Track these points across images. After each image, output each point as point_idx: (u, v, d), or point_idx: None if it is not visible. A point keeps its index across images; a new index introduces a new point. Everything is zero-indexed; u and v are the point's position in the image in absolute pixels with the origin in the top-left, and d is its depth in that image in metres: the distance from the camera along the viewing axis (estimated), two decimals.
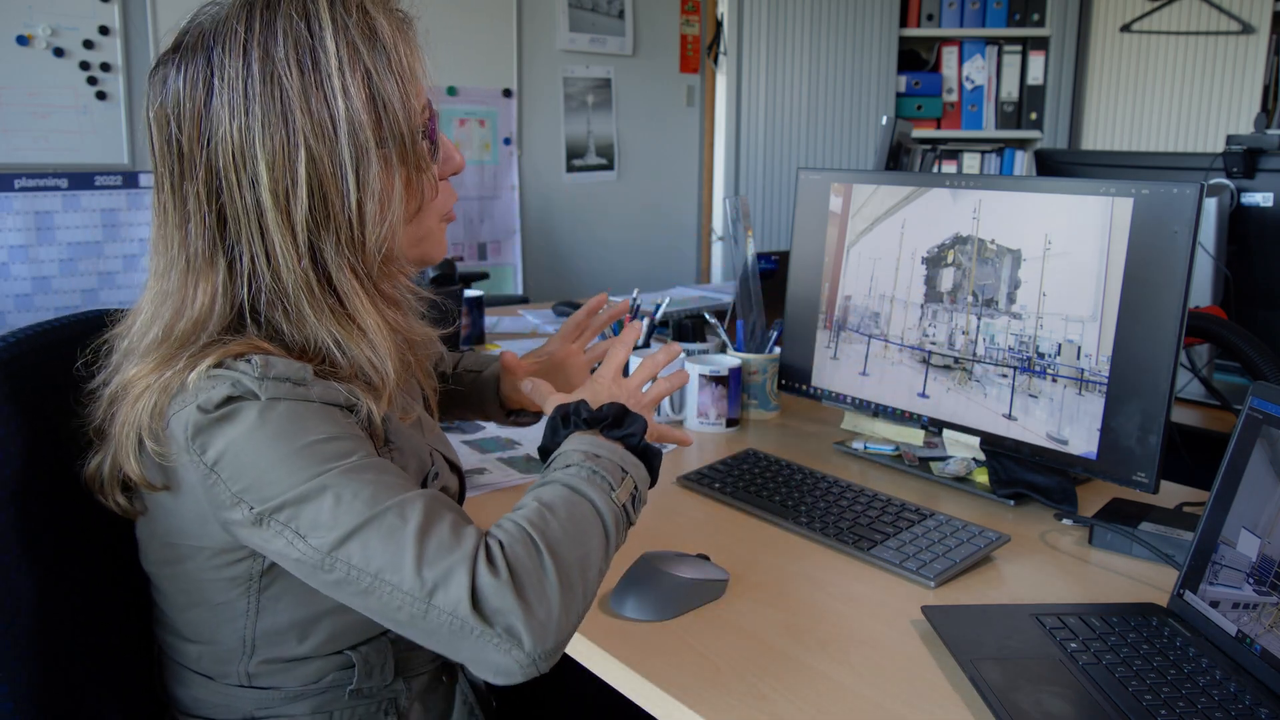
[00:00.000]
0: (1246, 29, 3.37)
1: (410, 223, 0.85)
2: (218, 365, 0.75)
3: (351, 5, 0.78)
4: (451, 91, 3.16)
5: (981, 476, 1.28)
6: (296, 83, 0.75)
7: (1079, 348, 1.16)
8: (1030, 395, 1.21)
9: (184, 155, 0.77)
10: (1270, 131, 1.67)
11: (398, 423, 0.87)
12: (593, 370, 1.21)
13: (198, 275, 0.78)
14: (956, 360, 1.29)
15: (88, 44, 2.48)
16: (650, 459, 0.88)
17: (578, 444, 0.85)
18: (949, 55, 3.78)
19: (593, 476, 0.81)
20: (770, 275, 1.86)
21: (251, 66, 0.74)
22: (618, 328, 1.57)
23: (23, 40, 2.40)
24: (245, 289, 0.78)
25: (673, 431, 1.02)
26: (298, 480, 0.72)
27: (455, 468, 0.98)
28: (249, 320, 0.79)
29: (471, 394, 1.22)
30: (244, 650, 0.86)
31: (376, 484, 0.73)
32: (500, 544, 0.73)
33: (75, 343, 0.87)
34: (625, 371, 0.99)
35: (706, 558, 1.00)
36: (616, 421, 0.87)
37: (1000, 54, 3.75)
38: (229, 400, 0.74)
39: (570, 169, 3.47)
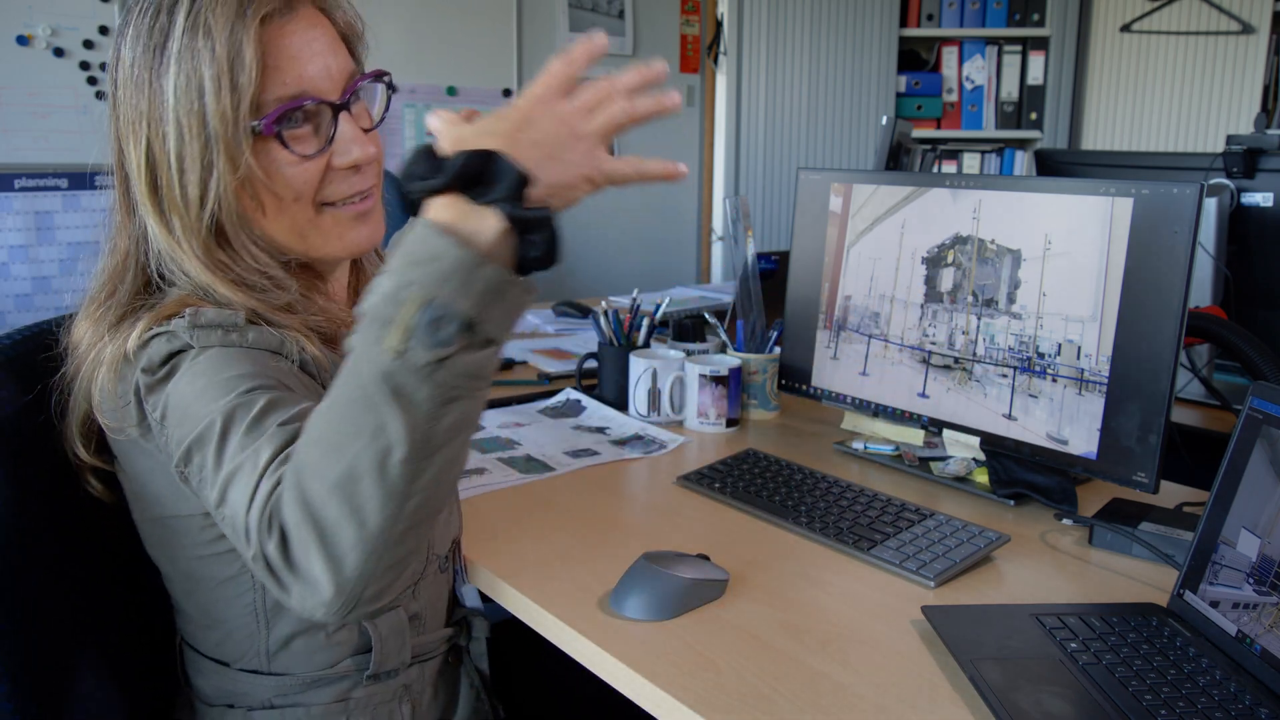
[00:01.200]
0: (1246, 29, 3.37)
1: (280, 213, 0.85)
2: (151, 328, 0.79)
3: None
4: (451, 91, 3.17)
5: (981, 476, 1.28)
6: (147, 64, 0.80)
7: (1079, 348, 1.16)
8: (1030, 395, 1.21)
9: (116, 109, 0.85)
10: (1270, 131, 1.67)
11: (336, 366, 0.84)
12: None
13: (117, 224, 0.86)
14: (956, 360, 1.29)
15: (88, 44, 2.48)
16: (536, 229, 0.66)
17: (401, 251, 0.64)
18: (949, 55, 3.78)
19: (369, 325, 0.63)
20: (770, 275, 1.86)
21: (160, 10, 0.80)
22: None
23: (23, 40, 2.40)
24: (134, 230, 0.85)
25: (649, 164, 0.75)
26: (205, 414, 0.72)
27: None
28: (155, 274, 0.84)
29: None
30: (259, 625, 0.86)
31: (264, 410, 0.70)
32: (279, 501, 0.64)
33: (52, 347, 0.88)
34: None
35: (706, 558, 1.00)
36: (471, 177, 0.64)
37: (1000, 54, 3.75)
38: (169, 357, 0.77)
39: None
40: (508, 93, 3.27)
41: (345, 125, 0.85)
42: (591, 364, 1.67)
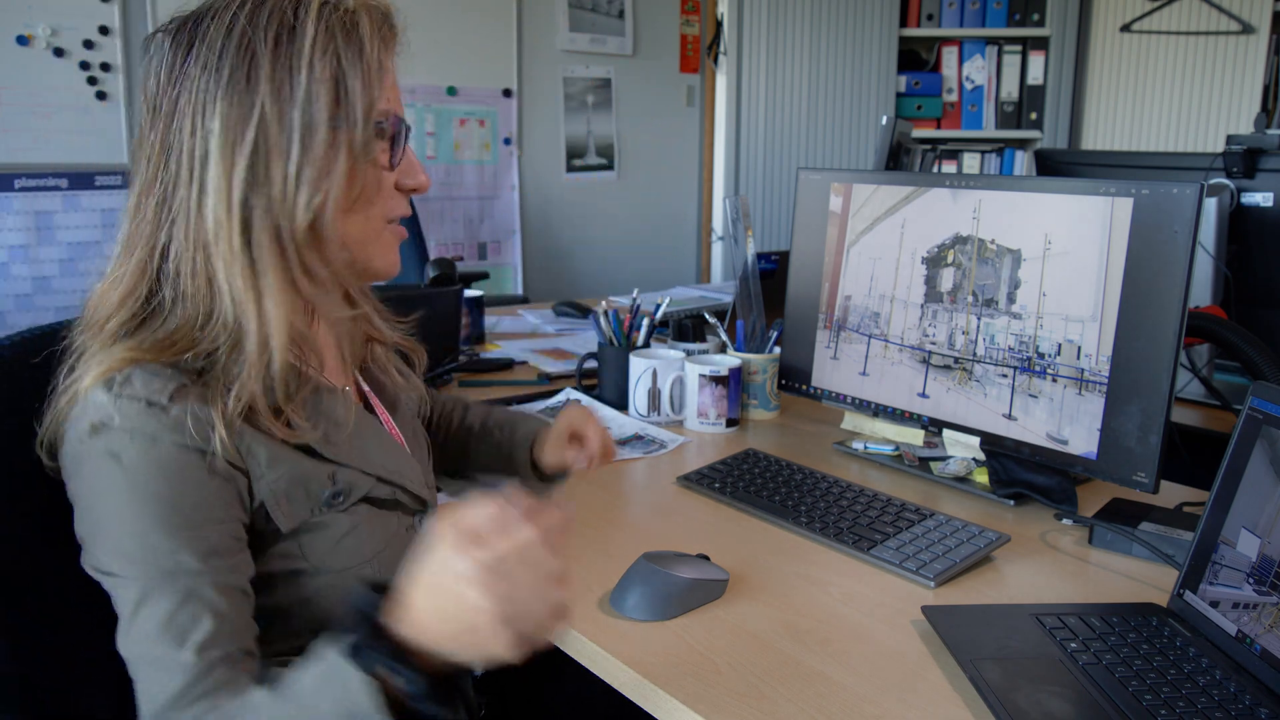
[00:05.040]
0: (1246, 29, 3.37)
1: (353, 211, 0.86)
2: (100, 381, 0.79)
3: (342, 3, 0.84)
4: (451, 91, 3.17)
5: (981, 476, 1.28)
6: (269, 52, 0.80)
7: (1079, 348, 1.16)
8: (1030, 395, 1.21)
9: (156, 107, 0.83)
10: (1270, 131, 1.67)
11: (271, 447, 0.83)
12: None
13: (145, 213, 0.83)
14: (956, 360, 1.29)
15: (88, 44, 2.48)
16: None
17: (323, 681, 0.69)
18: (949, 55, 3.78)
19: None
20: (770, 275, 1.86)
21: (232, 33, 0.80)
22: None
23: (23, 40, 2.40)
24: (165, 229, 0.83)
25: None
26: (121, 563, 0.77)
27: (390, 482, 0.92)
28: (155, 269, 0.83)
29: (500, 452, 1.18)
30: None
31: (171, 617, 0.75)
32: None
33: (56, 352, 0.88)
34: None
35: (706, 558, 1.00)
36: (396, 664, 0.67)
37: (1000, 54, 3.75)
38: (93, 432, 0.78)
39: (570, 169, 3.47)
40: (508, 93, 3.27)
41: (411, 149, 0.91)
42: (591, 364, 1.67)
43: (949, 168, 3.80)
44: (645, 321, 1.62)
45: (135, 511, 0.77)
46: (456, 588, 0.63)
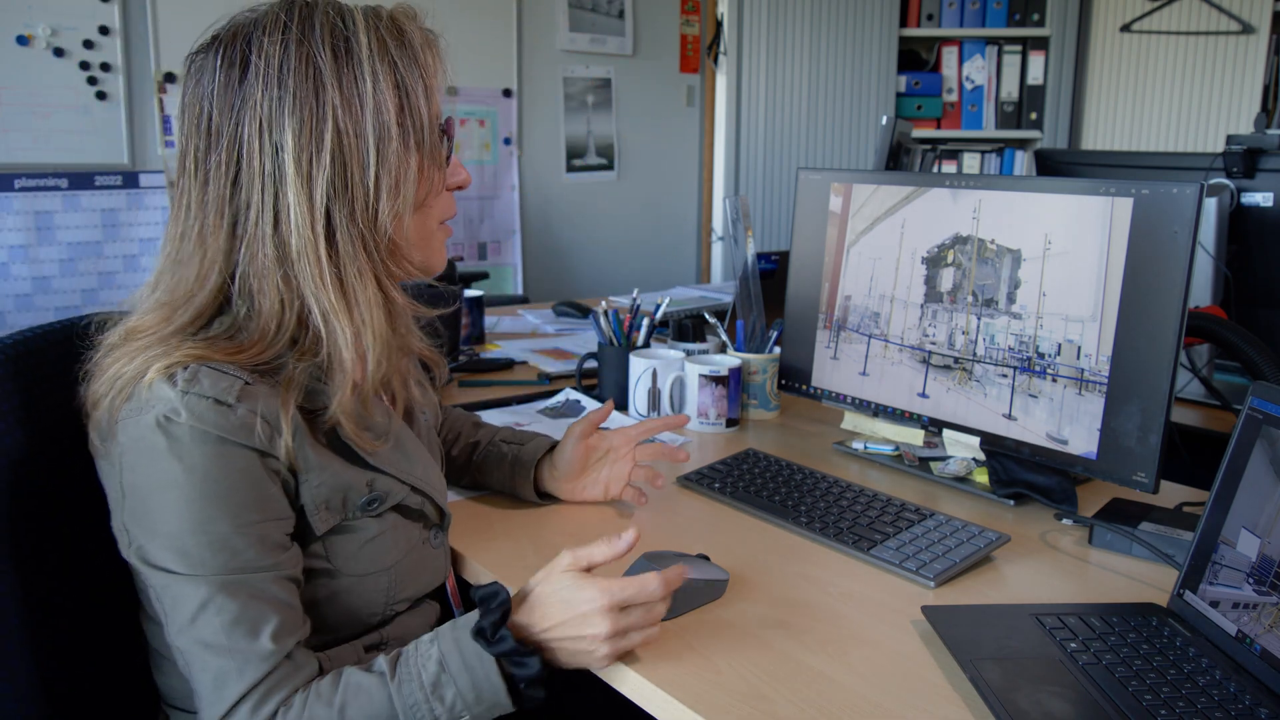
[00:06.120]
0: (1246, 29, 3.37)
1: (418, 210, 0.88)
2: (164, 376, 0.78)
3: (383, 11, 0.85)
4: (451, 91, 3.16)
5: (981, 476, 1.28)
6: (330, 63, 0.81)
7: (1079, 348, 1.16)
8: (1030, 395, 1.21)
9: (211, 129, 0.82)
10: (1270, 131, 1.67)
11: (317, 453, 0.84)
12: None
13: (207, 235, 0.82)
14: (956, 360, 1.29)
15: (88, 44, 2.48)
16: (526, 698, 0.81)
17: (452, 662, 0.79)
18: (949, 55, 3.78)
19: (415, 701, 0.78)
20: (770, 275, 1.86)
21: (289, 47, 0.80)
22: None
23: (23, 40, 2.40)
24: (242, 251, 0.82)
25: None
26: (180, 561, 0.77)
27: (421, 492, 0.94)
28: (236, 289, 0.83)
29: (505, 469, 1.19)
30: None
31: (242, 613, 0.77)
32: None
33: (79, 342, 0.88)
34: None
35: (706, 558, 1.00)
36: (518, 661, 0.80)
37: (1000, 54, 3.75)
38: (158, 426, 0.77)
39: (570, 169, 3.47)
40: (508, 93, 3.27)
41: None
42: (591, 364, 1.67)
43: (949, 168, 3.79)
44: (645, 321, 1.62)
45: (199, 509, 0.77)
46: (583, 609, 0.81)
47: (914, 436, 1.35)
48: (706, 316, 1.72)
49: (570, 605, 0.81)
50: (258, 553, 0.79)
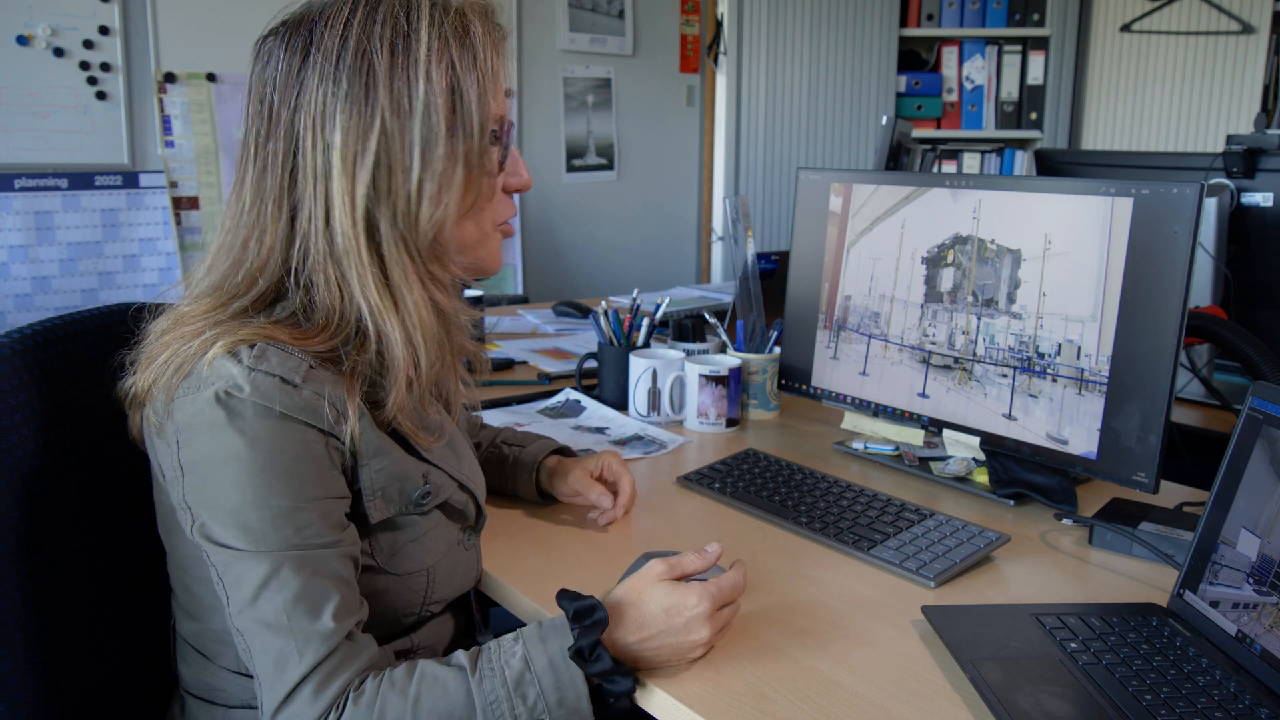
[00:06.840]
0: (1246, 29, 3.37)
1: (466, 218, 0.87)
2: (227, 352, 0.78)
3: (451, 5, 0.84)
4: (506, 93, 3.16)
5: (981, 476, 1.28)
6: (385, 62, 0.80)
7: (1079, 348, 1.16)
8: (1030, 395, 1.21)
9: (272, 116, 0.83)
10: (1270, 131, 1.67)
11: (379, 438, 0.85)
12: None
13: (265, 223, 0.83)
14: (956, 360, 1.29)
15: (88, 44, 2.47)
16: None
17: (540, 666, 0.79)
18: (949, 55, 3.78)
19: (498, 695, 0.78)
20: (770, 275, 1.86)
21: (347, 42, 0.80)
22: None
23: (23, 40, 2.40)
24: (299, 244, 0.82)
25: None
26: (242, 537, 0.77)
27: (467, 490, 0.95)
28: (292, 282, 0.83)
29: (506, 470, 1.19)
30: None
31: (304, 590, 0.77)
32: None
33: (95, 335, 0.88)
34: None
35: None
36: (606, 673, 0.80)
37: (1000, 54, 3.75)
38: (218, 400, 0.77)
39: (570, 169, 3.47)
40: (508, 93, 3.26)
41: (514, 147, 0.92)
42: (591, 364, 1.67)
43: (949, 168, 3.79)
44: (645, 321, 1.62)
45: (261, 482, 0.76)
46: (687, 615, 0.82)
47: (914, 436, 1.35)
48: (706, 316, 1.72)
49: (673, 613, 0.82)
50: (320, 528, 0.78)
